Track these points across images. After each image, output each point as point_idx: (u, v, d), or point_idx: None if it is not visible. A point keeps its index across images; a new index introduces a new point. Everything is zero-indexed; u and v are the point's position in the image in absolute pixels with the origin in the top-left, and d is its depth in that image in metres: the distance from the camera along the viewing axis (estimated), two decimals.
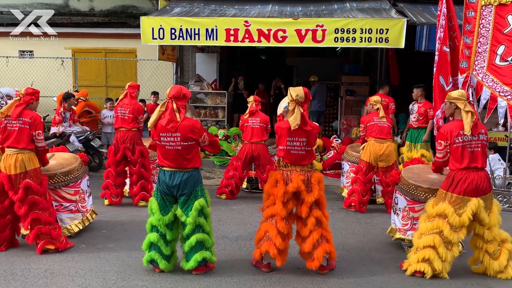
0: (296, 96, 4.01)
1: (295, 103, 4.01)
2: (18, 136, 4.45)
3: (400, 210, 4.85)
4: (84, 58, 11.86)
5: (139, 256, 4.32)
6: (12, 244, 4.74)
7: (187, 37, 8.04)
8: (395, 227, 4.95)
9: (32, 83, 10.66)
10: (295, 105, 4.01)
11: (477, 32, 6.46)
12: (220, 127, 10.02)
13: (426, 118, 7.27)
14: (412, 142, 7.50)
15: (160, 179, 4.06)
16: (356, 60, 12.80)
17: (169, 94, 3.98)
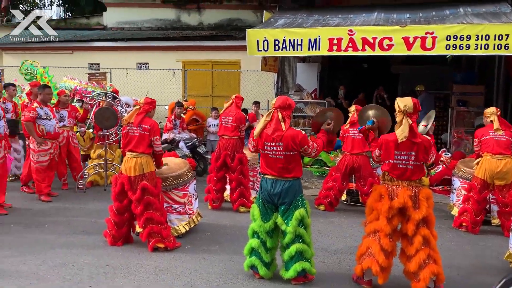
0: (404, 107, 3.84)
1: (403, 114, 3.85)
2: (138, 141, 4.89)
3: None
4: (193, 69, 12.65)
5: (240, 261, 4.45)
6: (127, 240, 5.19)
7: (290, 48, 8.14)
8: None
9: (147, 93, 11.63)
10: (403, 116, 3.84)
11: None
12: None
13: None
14: None
15: (262, 186, 4.16)
16: (470, 68, 11.87)
17: (275, 104, 4.08)
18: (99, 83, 11.24)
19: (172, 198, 5.32)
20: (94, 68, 13.59)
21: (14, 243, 5.06)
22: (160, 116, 11.43)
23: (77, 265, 4.49)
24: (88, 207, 6.68)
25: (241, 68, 12.33)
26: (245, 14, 14.26)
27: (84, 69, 12.99)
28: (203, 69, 12.70)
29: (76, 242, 5.16)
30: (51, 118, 6.92)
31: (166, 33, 13.92)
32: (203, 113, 11.25)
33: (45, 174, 6.91)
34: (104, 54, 13.55)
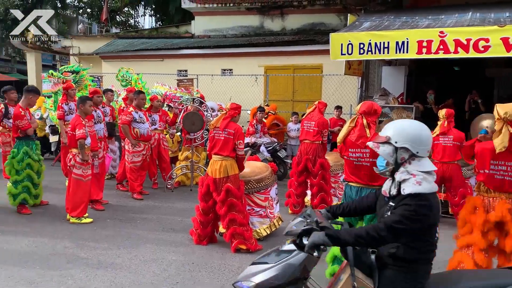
0: (505, 114, 3.56)
1: (503, 122, 3.56)
2: (223, 145, 5.07)
3: None
4: (274, 74, 12.80)
5: (321, 267, 4.38)
6: (212, 239, 5.39)
7: (376, 51, 7.90)
8: None
9: (231, 98, 11.99)
10: (502, 124, 3.56)
11: None
12: None
13: None
14: None
15: (347, 194, 4.08)
16: None
17: (360, 109, 4.00)
18: (186, 88, 11.82)
19: (254, 201, 5.43)
20: (182, 74, 14.31)
21: (110, 237, 5.49)
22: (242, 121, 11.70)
23: (165, 261, 4.75)
24: (175, 206, 7.04)
25: (323, 72, 12.24)
26: (328, 18, 14.15)
27: (173, 75, 13.73)
28: (285, 74, 12.81)
29: (165, 239, 5.47)
30: (145, 121, 7.42)
31: (249, 40, 14.26)
32: (284, 118, 11.33)
33: (138, 174, 7.42)
34: (192, 61, 14.21)
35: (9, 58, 27.57)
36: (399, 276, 2.38)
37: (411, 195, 2.27)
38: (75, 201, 6.00)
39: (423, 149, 2.37)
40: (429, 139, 2.43)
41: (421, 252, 2.35)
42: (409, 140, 2.36)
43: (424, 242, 2.34)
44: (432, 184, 2.32)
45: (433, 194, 2.31)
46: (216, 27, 15.66)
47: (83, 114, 6.14)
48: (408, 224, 2.23)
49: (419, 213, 2.23)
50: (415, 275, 2.37)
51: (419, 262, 2.37)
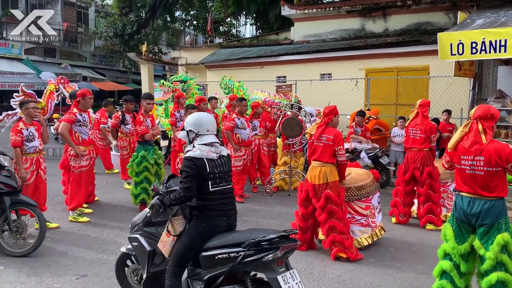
0: None
1: None
2: (323, 151, 5.03)
3: None
4: (376, 78, 12.38)
5: (428, 282, 4.16)
6: (311, 245, 5.37)
7: (491, 50, 7.25)
8: None
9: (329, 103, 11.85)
10: None
11: None
12: None
13: None
14: None
15: (457, 205, 3.79)
16: None
17: (474, 114, 3.69)
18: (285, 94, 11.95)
19: (355, 209, 5.29)
20: (281, 80, 14.52)
21: None
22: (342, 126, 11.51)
23: None
24: (274, 210, 7.15)
25: (430, 74, 11.52)
26: (435, 16, 13.32)
27: (272, 82, 14.00)
28: (387, 76, 12.31)
29: None
30: (246, 127, 7.67)
31: (349, 43, 13.99)
32: (387, 122, 10.88)
33: (239, 178, 7.69)
34: (291, 67, 14.35)
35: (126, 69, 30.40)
36: (193, 221, 3.31)
37: (185, 157, 3.30)
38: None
39: (203, 129, 3.36)
40: (205, 122, 3.38)
41: (199, 199, 3.27)
42: (191, 125, 3.38)
43: (199, 192, 3.25)
44: (203, 152, 3.26)
45: (199, 158, 3.24)
46: (315, 32, 15.64)
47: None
48: (188, 176, 3.20)
49: (185, 165, 3.23)
50: (199, 221, 3.27)
51: (201, 209, 3.28)
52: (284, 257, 3.13)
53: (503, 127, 9.59)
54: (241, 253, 3.05)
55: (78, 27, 28.07)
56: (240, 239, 3.12)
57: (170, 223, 3.37)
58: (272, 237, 3.05)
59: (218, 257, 3.11)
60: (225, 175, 3.37)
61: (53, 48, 25.33)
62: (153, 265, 3.53)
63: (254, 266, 3.09)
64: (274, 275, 3.02)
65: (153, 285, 3.55)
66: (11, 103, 9.87)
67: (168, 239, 3.35)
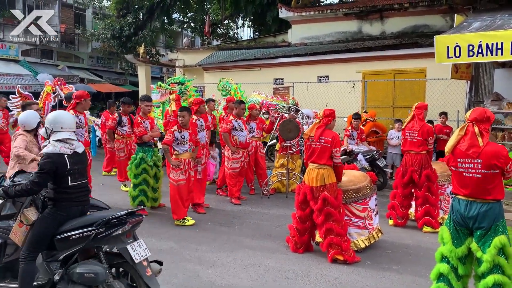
0: None
1: None
2: (320, 153, 5.02)
3: None
4: (373, 80, 12.40)
5: (425, 284, 4.16)
6: (308, 248, 5.36)
7: (487, 53, 7.29)
8: None
9: (327, 105, 11.86)
10: None
11: None
12: None
13: None
14: None
15: (454, 207, 3.79)
16: None
17: (470, 117, 3.69)
18: (282, 96, 11.97)
19: (352, 211, 5.29)
20: (278, 83, 14.53)
21: (210, 240, 5.74)
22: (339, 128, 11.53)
23: (262, 267, 4.83)
24: (271, 212, 7.15)
25: (427, 76, 11.56)
26: (432, 19, 13.39)
27: (269, 84, 14.00)
28: (384, 79, 12.35)
29: (261, 245, 5.57)
30: (243, 129, 7.66)
31: (347, 45, 14.03)
32: (384, 125, 10.90)
33: (236, 180, 7.68)
34: (288, 69, 14.37)
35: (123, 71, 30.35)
36: (49, 209, 3.57)
37: (43, 153, 3.55)
38: (172, 204, 6.38)
39: (57, 126, 3.64)
40: (59, 120, 3.66)
41: (57, 193, 3.55)
42: (48, 123, 3.67)
43: (59, 186, 3.54)
44: (55, 147, 3.54)
45: (60, 155, 3.52)
46: (312, 35, 15.68)
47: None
48: (41, 172, 3.45)
49: (43, 161, 3.48)
50: (56, 209, 3.55)
51: (58, 200, 3.55)
52: (132, 230, 3.58)
53: (500, 129, 9.64)
54: (93, 231, 3.41)
55: (76, 28, 27.98)
56: (92, 220, 3.48)
57: (22, 214, 3.60)
58: (121, 214, 3.47)
59: (73, 238, 3.44)
60: (83, 171, 3.73)
61: (50, 50, 25.25)
62: (5, 255, 3.75)
63: (106, 241, 3.49)
64: (124, 245, 3.46)
65: (6, 274, 3.77)
66: (8, 105, 9.83)
67: (21, 229, 3.60)
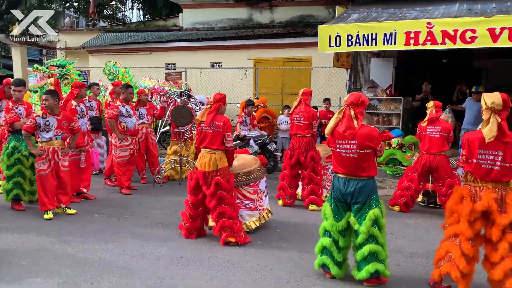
0: (492, 104, 3.56)
1: (491, 111, 3.57)
2: (212, 138, 5.02)
3: None
4: (264, 67, 12.74)
5: (310, 259, 4.41)
6: (201, 233, 5.36)
7: (364, 43, 7.91)
8: None
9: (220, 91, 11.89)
10: (490, 113, 3.57)
11: None
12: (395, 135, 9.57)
13: None
14: None
15: (334, 185, 4.08)
16: None
17: (347, 101, 3.98)
18: (175, 82, 11.73)
19: (243, 194, 5.40)
20: (170, 68, 14.20)
21: (97, 232, 5.43)
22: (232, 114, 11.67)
23: (153, 256, 4.71)
24: (164, 200, 7.00)
25: (312, 65, 12.21)
26: (317, 10, 14.12)
27: (161, 69, 13.61)
28: (274, 66, 12.76)
29: (153, 234, 5.43)
30: (132, 115, 7.34)
31: (238, 32, 14.18)
32: (274, 111, 11.30)
33: (125, 169, 7.35)
34: (180, 54, 14.10)
35: None
36: None
37: None
38: (39, 194, 5.93)
39: None
40: None
41: None
42: None
43: None
44: None
45: None
46: (204, 20, 15.55)
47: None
48: None
49: None
50: None
51: None
52: None
53: (375, 114, 10.58)
54: None
55: None
56: None
57: None
58: None
59: None
60: None
61: None
62: None
63: None
64: None
65: None
66: None
67: None
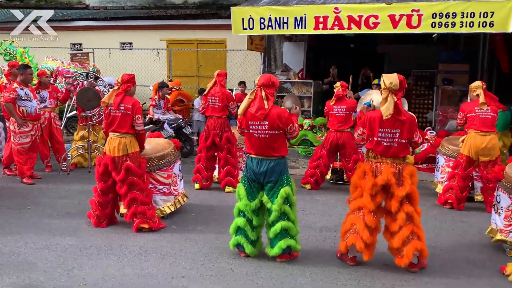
0: (390, 84, 3.82)
1: (388, 91, 3.82)
2: (121, 121, 4.79)
3: (503, 210, 4.43)
4: (177, 49, 12.43)
5: (226, 240, 4.44)
6: (112, 221, 5.14)
7: (276, 26, 8.04)
8: (496, 227, 4.54)
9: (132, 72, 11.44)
10: (388, 93, 3.82)
11: None
12: (305, 116, 9.94)
13: None
14: None
15: (248, 165, 4.13)
16: (455, 46, 11.89)
17: (258, 82, 4.02)
18: (82, 63, 11.02)
19: (157, 179, 5.26)
20: (76, 48, 13.30)
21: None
22: (145, 97, 11.28)
23: (60, 247, 4.44)
24: (72, 189, 6.60)
25: (227, 47, 12.16)
26: None
27: (66, 49, 12.69)
28: (188, 48, 12.50)
29: (60, 224, 5.10)
30: (32, 99, 6.76)
31: (150, 12, 13.64)
32: (189, 93, 11.12)
33: (27, 156, 6.79)
34: (87, 34, 13.24)
35: None
36: None
37: None
38: None
39: None
40: None
41: None
42: None
43: None
44: None
45: None
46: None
47: None
48: None
49: None
50: None
51: None
52: None
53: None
54: None
55: None
56: None
57: None
58: None
59: None
60: None
61: None
62: None
63: None
64: None
65: None
66: None
67: None
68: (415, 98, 11.22)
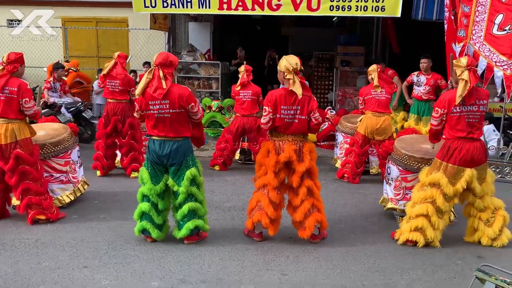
0: (296, 65, 3.93)
1: (293, 72, 3.93)
2: (6, 106, 4.35)
3: (393, 180, 4.84)
4: (74, 27, 11.58)
5: (131, 226, 4.30)
6: (3, 215, 4.71)
7: (179, 5, 7.82)
8: (387, 197, 4.96)
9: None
10: (293, 74, 3.92)
11: (476, 1, 6.32)
12: (214, 98, 9.91)
13: (434, 89, 7.37)
14: (420, 115, 7.52)
15: (150, 148, 4.00)
16: (352, 30, 12.59)
17: (156, 61, 3.88)
18: None
19: (53, 166, 4.91)
20: None
21: None
22: (39, 79, 10.39)
23: None
24: None
25: (129, 26, 11.60)
26: None
27: None
28: (86, 26, 11.70)
29: None
30: None
31: None
32: (88, 75, 10.45)
33: None
34: None
35: None
36: None
37: None
38: None
39: None
40: None
41: None
42: None
43: None
44: None
45: None
46: None
47: None
48: None
49: None
50: None
51: None
52: None
53: (196, 78, 10.74)
54: None
55: None
56: None
57: None
58: None
59: None
60: None
61: None
62: None
63: None
64: None
65: None
66: None
67: None
68: (317, 80, 11.74)
